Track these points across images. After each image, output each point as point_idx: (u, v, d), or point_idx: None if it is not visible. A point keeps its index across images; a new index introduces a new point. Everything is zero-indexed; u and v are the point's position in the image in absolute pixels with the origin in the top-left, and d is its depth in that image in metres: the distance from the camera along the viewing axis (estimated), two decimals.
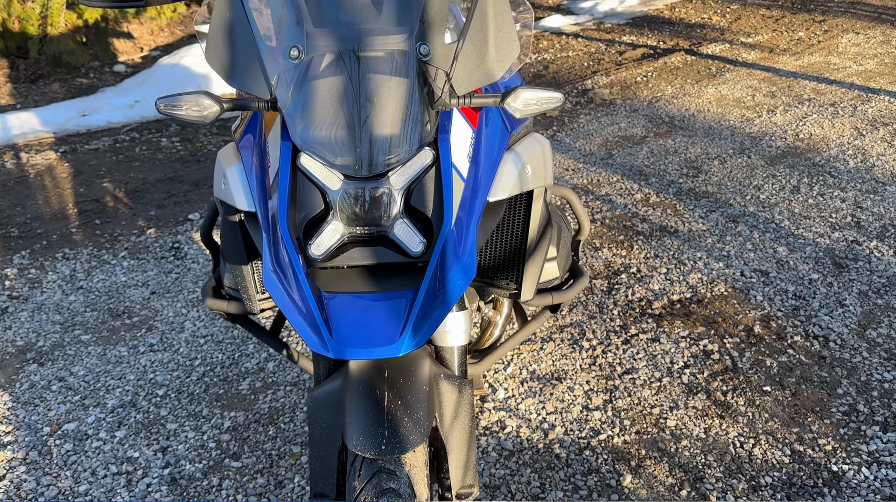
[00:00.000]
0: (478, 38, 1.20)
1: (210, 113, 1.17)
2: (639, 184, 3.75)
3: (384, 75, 1.15)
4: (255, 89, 1.18)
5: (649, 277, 2.98)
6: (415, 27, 1.17)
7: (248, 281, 1.52)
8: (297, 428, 2.28)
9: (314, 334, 1.11)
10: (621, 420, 2.30)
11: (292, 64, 1.16)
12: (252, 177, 1.28)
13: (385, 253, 1.20)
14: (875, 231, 3.26)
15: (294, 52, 1.15)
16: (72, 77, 5.89)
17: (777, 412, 2.31)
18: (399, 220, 1.18)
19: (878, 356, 2.53)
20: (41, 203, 3.73)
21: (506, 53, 1.21)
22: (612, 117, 4.69)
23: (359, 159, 1.15)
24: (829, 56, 5.76)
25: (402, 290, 1.16)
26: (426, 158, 1.19)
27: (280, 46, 1.19)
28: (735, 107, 4.75)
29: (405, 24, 1.18)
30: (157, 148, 4.40)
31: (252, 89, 1.19)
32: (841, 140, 4.18)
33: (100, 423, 2.32)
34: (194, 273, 3.11)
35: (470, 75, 1.19)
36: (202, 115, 1.17)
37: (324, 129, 1.15)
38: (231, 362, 2.57)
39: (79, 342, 2.70)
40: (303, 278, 1.13)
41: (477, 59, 1.19)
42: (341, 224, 1.19)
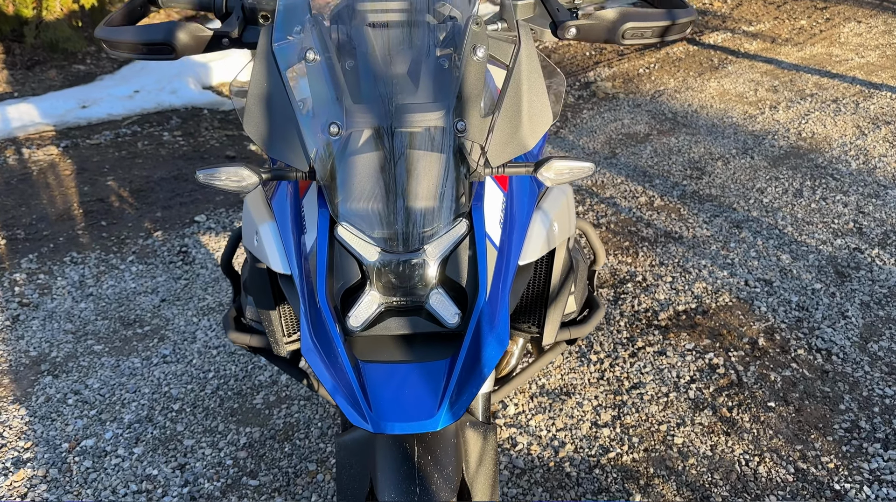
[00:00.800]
0: (512, 110, 1.21)
1: (249, 184, 1.18)
2: (643, 187, 3.77)
3: (422, 151, 1.17)
4: (294, 161, 1.20)
5: (655, 286, 3.02)
6: (452, 103, 1.19)
7: (275, 325, 1.54)
8: (312, 444, 2.32)
9: (353, 408, 1.14)
10: (630, 437, 2.35)
11: (332, 139, 1.18)
12: (288, 239, 1.30)
13: (421, 323, 1.23)
14: (877, 238, 3.30)
15: (334, 129, 1.17)
16: (69, 63, 5.83)
17: (781, 429, 2.37)
18: (434, 291, 1.21)
19: (880, 370, 2.58)
20: (46, 203, 3.72)
21: (539, 123, 1.23)
22: (615, 113, 4.69)
23: (396, 234, 1.17)
24: (831, 47, 5.75)
25: (438, 360, 1.19)
26: (461, 230, 1.21)
27: (319, 121, 1.20)
28: (738, 102, 4.76)
29: (442, 100, 1.19)
30: (160, 142, 4.39)
31: (291, 161, 1.20)
32: (843, 139, 4.20)
33: (118, 439, 2.35)
34: (203, 279, 3.13)
35: (504, 147, 1.21)
36: (241, 185, 1.18)
37: (361, 203, 1.17)
38: (244, 374, 2.60)
39: (92, 353, 2.72)
40: (342, 350, 1.16)
41: (511, 130, 1.21)
42: (378, 293, 1.21)
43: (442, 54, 1.25)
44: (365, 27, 1.25)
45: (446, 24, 1.28)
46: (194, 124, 4.64)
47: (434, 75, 1.21)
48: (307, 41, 1.24)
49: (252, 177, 1.18)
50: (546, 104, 1.24)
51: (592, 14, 1.45)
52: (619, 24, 1.42)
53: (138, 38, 1.44)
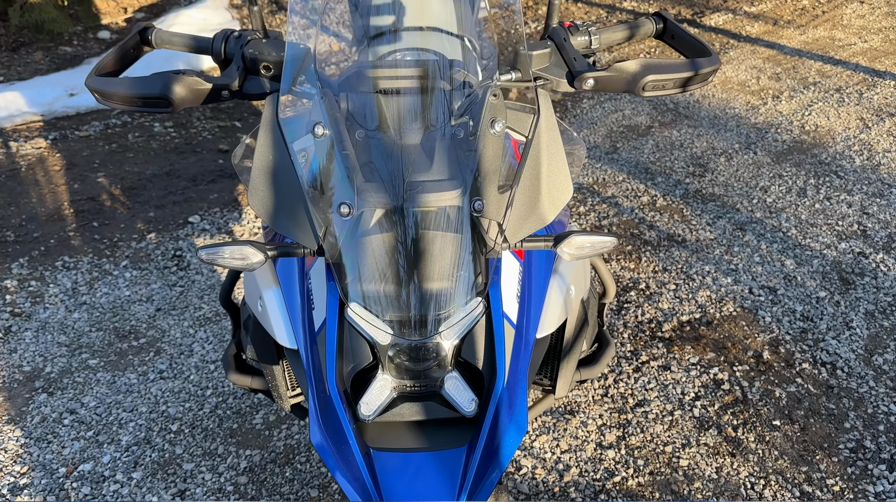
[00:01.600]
0: (531, 184, 1.15)
1: (254, 262, 1.12)
2: (645, 185, 3.71)
3: (436, 232, 1.10)
4: (301, 239, 1.14)
5: (658, 295, 2.98)
6: (469, 181, 1.12)
7: (278, 380, 1.49)
8: (312, 468, 2.29)
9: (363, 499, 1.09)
10: (635, 459, 2.33)
11: (342, 220, 1.11)
12: (294, 314, 1.24)
13: (435, 408, 1.18)
14: (881, 241, 3.26)
15: (344, 209, 1.10)
16: (55, 45, 5.67)
17: (786, 449, 2.35)
18: (450, 375, 1.16)
19: (885, 386, 2.57)
20: (35, 202, 3.64)
21: (558, 196, 1.17)
22: (615, 103, 4.60)
23: (409, 318, 1.11)
24: (834, 30, 5.65)
25: (453, 448, 1.15)
26: (477, 310, 1.16)
27: (329, 200, 1.13)
28: (740, 92, 4.67)
29: (458, 178, 1.12)
30: (151, 134, 4.28)
31: (299, 238, 1.14)
32: (847, 133, 4.14)
33: (115, 463, 2.32)
34: (199, 286, 3.07)
35: (523, 223, 1.15)
36: (246, 264, 1.12)
37: (373, 284, 1.12)
38: (243, 393, 2.56)
39: (87, 368, 2.67)
40: (352, 439, 1.11)
41: (530, 205, 1.15)
42: (390, 377, 1.16)
43: (457, 124, 1.17)
44: (375, 95, 1.18)
45: (461, 91, 1.20)
46: (185, 114, 4.53)
47: (449, 150, 1.14)
48: (315, 114, 1.16)
49: (257, 255, 1.11)
50: (566, 176, 1.18)
51: (612, 66, 1.38)
52: (639, 77, 1.34)
53: (133, 92, 1.35)
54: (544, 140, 1.16)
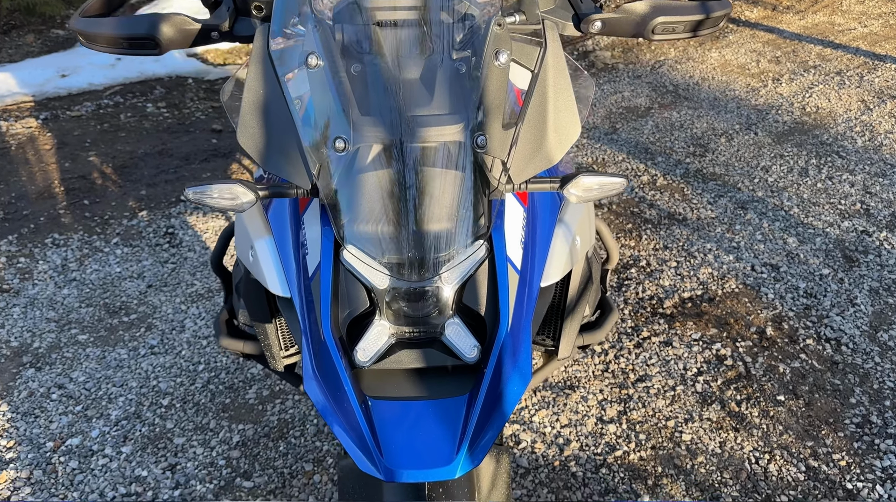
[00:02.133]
0: (537, 121, 1.09)
1: (244, 202, 1.06)
2: (645, 165, 3.66)
3: (437, 168, 1.05)
4: (294, 178, 1.08)
5: (659, 272, 2.93)
6: (472, 115, 1.06)
7: (271, 339, 1.43)
8: (307, 442, 2.24)
9: (362, 452, 1.03)
10: (636, 433, 2.28)
11: (337, 156, 1.05)
12: (287, 260, 1.18)
13: (436, 355, 1.12)
14: (884, 220, 3.22)
15: (340, 144, 1.04)
16: (47, 28, 5.60)
17: (791, 424, 2.31)
18: (451, 321, 1.10)
19: (890, 361, 2.52)
20: (25, 180, 3.57)
21: (566, 134, 1.11)
22: (614, 84, 4.55)
23: (408, 260, 1.06)
24: (833, 15, 5.61)
25: (455, 396, 1.09)
26: (480, 253, 1.10)
27: (323, 135, 1.07)
28: (740, 74, 4.63)
29: (461, 112, 1.06)
30: (143, 114, 4.22)
31: (291, 177, 1.08)
32: (848, 115, 4.09)
33: (104, 438, 2.26)
34: (191, 263, 3.01)
35: (528, 162, 1.09)
36: (235, 204, 1.06)
37: (370, 225, 1.06)
38: (236, 367, 2.50)
39: (76, 343, 2.61)
40: (348, 386, 1.05)
41: (536, 143, 1.09)
42: (388, 324, 1.10)
43: (459, 58, 1.11)
44: (372, 27, 1.12)
45: (464, 23, 1.14)
46: (179, 94, 4.46)
47: (451, 83, 1.08)
48: (308, 44, 1.10)
49: (248, 194, 1.06)
50: (574, 113, 1.12)
51: (620, 7, 1.32)
52: (649, 19, 1.29)
53: (119, 32, 1.29)
54: (551, 75, 1.10)
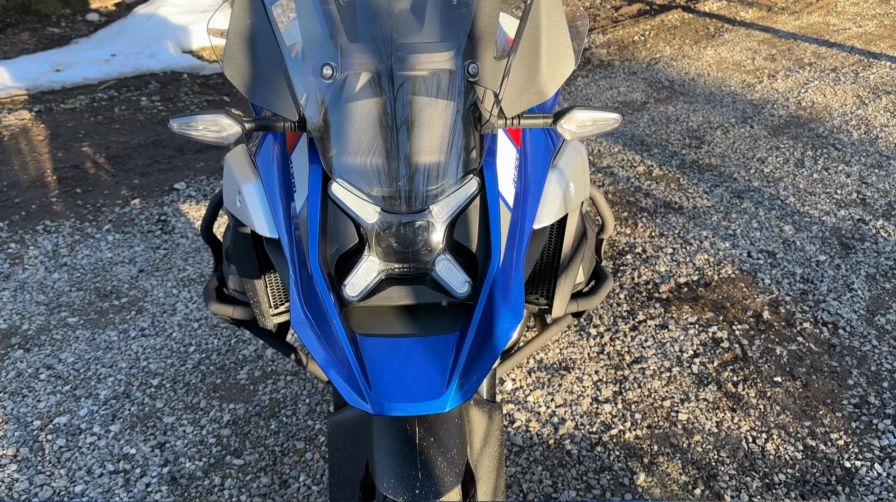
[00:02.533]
0: (530, 52, 1.07)
1: (230, 134, 1.04)
2: (641, 156, 3.65)
3: (427, 97, 1.03)
4: (281, 109, 1.06)
5: (655, 258, 2.91)
6: (462, 43, 1.05)
7: (260, 296, 1.41)
8: (299, 421, 2.21)
9: (351, 387, 1.01)
10: (632, 413, 2.25)
11: (325, 83, 1.03)
12: (275, 200, 1.16)
13: (426, 292, 1.10)
14: (881, 209, 3.21)
15: (327, 71, 1.02)
16: (42, 26, 5.59)
17: (788, 404, 2.28)
18: (442, 257, 1.08)
19: (888, 344, 2.50)
20: (18, 169, 3.55)
21: (559, 69, 1.09)
22: (610, 80, 4.55)
23: (397, 192, 1.04)
24: (828, 16, 5.63)
25: (445, 333, 1.07)
26: (471, 188, 1.08)
27: (310, 63, 1.05)
28: (735, 71, 4.63)
29: (451, 40, 1.05)
30: (137, 108, 4.20)
31: (278, 108, 1.06)
32: (844, 109, 4.10)
33: (93, 416, 2.22)
34: (183, 249, 2.98)
35: (520, 96, 1.07)
36: (221, 136, 1.04)
37: (359, 156, 1.04)
38: (227, 349, 2.48)
39: (66, 325, 2.58)
40: (337, 322, 1.03)
41: (528, 76, 1.07)
42: (378, 260, 1.08)
43: None
44: None
45: None
46: (174, 89, 4.45)
47: (442, 10, 1.07)
48: None
49: (233, 126, 1.04)
50: (568, 46, 1.10)
51: None
52: None
53: None
54: (545, 6, 1.09)
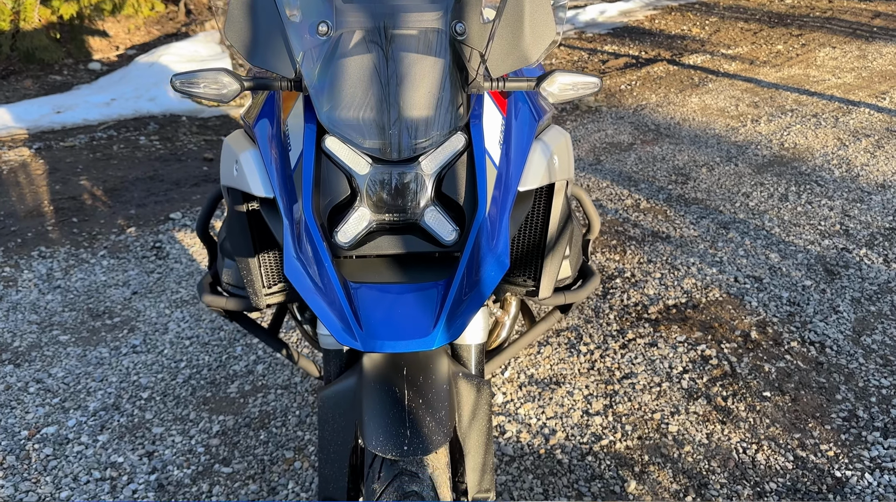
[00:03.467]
0: (514, 19, 1.15)
1: (229, 91, 1.10)
2: (628, 190, 3.73)
3: (417, 54, 1.09)
4: (278, 67, 1.12)
5: (644, 282, 2.95)
6: (450, 4, 1.12)
7: (254, 275, 1.44)
8: (289, 432, 2.20)
9: (341, 325, 1.04)
10: (623, 425, 2.25)
11: (320, 40, 1.10)
12: (270, 162, 1.21)
13: (415, 241, 1.14)
14: (864, 239, 3.27)
15: (323, 28, 1.09)
16: (45, 74, 5.73)
17: (778, 417, 2.29)
18: (430, 208, 1.12)
19: (875, 362, 2.52)
20: (15, 200, 3.59)
21: (542, 36, 1.16)
22: (598, 124, 4.68)
23: (389, 141, 1.09)
24: (808, 69, 5.83)
25: (433, 281, 1.10)
26: (458, 143, 1.13)
27: (307, 22, 1.12)
28: (719, 116, 4.77)
29: (440, 2, 1.12)
30: (136, 146, 4.29)
31: (275, 67, 1.12)
32: (825, 150, 4.21)
33: (81, 427, 2.21)
34: (177, 273, 3.01)
35: (505, 57, 1.14)
36: (221, 93, 1.10)
37: (352, 110, 1.09)
38: (218, 364, 2.48)
39: (57, 343, 2.59)
40: (329, 265, 1.06)
41: (513, 40, 1.14)
42: (368, 211, 1.13)
43: None
44: None
45: None
46: (172, 129, 4.55)
47: None
48: None
49: (233, 83, 1.09)
50: (549, 16, 1.17)
51: None
52: None
53: None
54: None
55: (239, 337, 2.62)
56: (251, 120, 1.35)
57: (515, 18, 1.15)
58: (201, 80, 1.10)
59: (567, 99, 1.15)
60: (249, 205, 1.40)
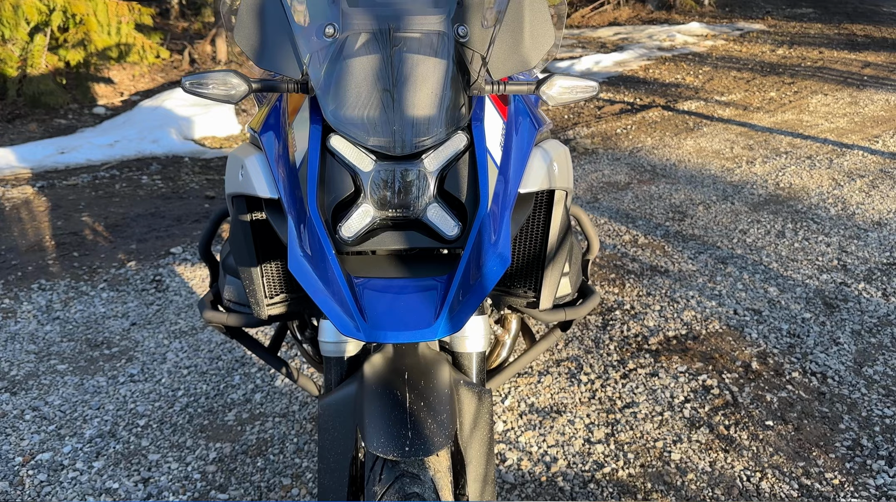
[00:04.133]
0: (514, 25, 1.18)
1: (237, 92, 1.13)
2: (626, 227, 3.76)
3: (421, 55, 1.12)
4: (286, 69, 1.15)
5: (643, 314, 2.95)
6: (452, 8, 1.16)
7: (256, 285, 1.45)
8: (286, 459, 2.17)
9: (345, 317, 1.04)
10: (625, 453, 2.23)
11: (326, 42, 1.13)
12: (275, 163, 1.23)
13: (418, 237, 1.15)
14: (862, 274, 3.29)
15: (329, 30, 1.12)
16: (50, 118, 5.82)
17: (781, 446, 2.27)
18: (433, 204, 1.14)
19: (877, 393, 2.51)
20: (17, 235, 3.61)
21: (541, 42, 1.20)
22: (595, 164, 4.74)
23: (392, 138, 1.11)
24: (801, 114, 5.94)
25: (436, 277, 1.11)
26: (460, 142, 1.16)
27: (314, 25, 1.16)
28: (715, 157, 4.84)
29: (443, 6, 1.16)
30: (138, 185, 4.33)
31: (283, 69, 1.15)
32: (820, 189, 4.26)
33: (76, 453, 2.18)
34: (176, 305, 3.01)
35: (506, 61, 1.17)
36: (229, 94, 1.13)
37: (357, 108, 1.12)
38: (216, 393, 2.46)
39: (54, 372, 2.57)
40: (333, 259, 1.07)
41: (513, 44, 1.17)
42: (372, 207, 1.14)
43: None
44: None
45: None
46: (174, 170, 4.60)
47: None
48: None
49: (241, 85, 1.12)
50: (548, 22, 1.21)
51: None
52: None
53: None
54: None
55: (237, 366, 2.60)
56: (257, 128, 1.38)
57: (516, 24, 1.19)
58: (210, 80, 1.13)
59: (566, 101, 1.18)
60: (254, 214, 1.41)
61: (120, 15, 6.00)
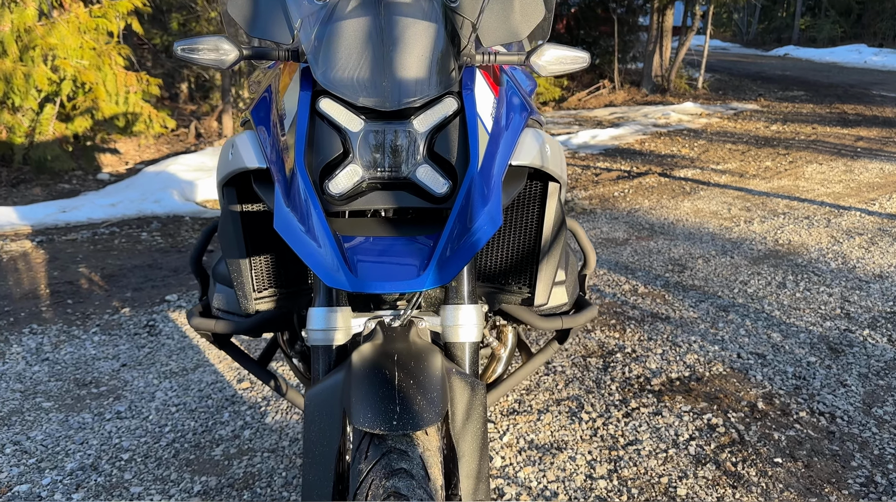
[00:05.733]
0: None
1: (228, 58, 1.13)
2: (626, 277, 3.73)
3: (411, 18, 1.13)
4: (277, 35, 1.16)
5: (645, 357, 2.89)
6: None
7: (244, 276, 1.42)
8: (274, 492, 2.08)
9: (332, 270, 1.01)
10: (629, 488, 2.13)
11: (317, 6, 1.15)
12: (264, 134, 1.23)
13: (407, 197, 1.13)
14: (866, 321, 3.24)
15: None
16: (54, 182, 5.89)
17: (792, 483, 2.17)
18: (422, 164, 1.13)
19: (889, 432, 2.42)
20: (12, 284, 3.59)
21: (531, 13, 1.21)
22: (593, 223, 4.75)
23: (383, 95, 1.11)
24: (798, 181, 6.00)
25: (426, 236, 1.09)
26: (450, 106, 1.16)
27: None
28: (712, 218, 4.86)
29: None
30: (137, 240, 4.33)
31: (275, 36, 1.16)
32: (820, 246, 4.25)
33: (55, 485, 2.09)
34: (168, 348, 2.95)
35: (496, 29, 1.18)
36: (220, 59, 1.13)
37: (348, 70, 1.12)
38: (204, 429, 2.38)
39: (39, 409, 2.49)
40: (320, 214, 1.05)
41: (503, 14, 1.19)
42: (360, 167, 1.13)
43: None
44: None
45: None
46: (174, 228, 4.61)
47: None
48: None
49: (233, 51, 1.13)
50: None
51: None
52: None
53: None
54: None
55: (227, 404, 2.53)
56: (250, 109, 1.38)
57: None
58: (202, 45, 1.14)
59: (557, 72, 1.18)
60: (244, 206, 1.40)
61: (128, 84, 6.15)
